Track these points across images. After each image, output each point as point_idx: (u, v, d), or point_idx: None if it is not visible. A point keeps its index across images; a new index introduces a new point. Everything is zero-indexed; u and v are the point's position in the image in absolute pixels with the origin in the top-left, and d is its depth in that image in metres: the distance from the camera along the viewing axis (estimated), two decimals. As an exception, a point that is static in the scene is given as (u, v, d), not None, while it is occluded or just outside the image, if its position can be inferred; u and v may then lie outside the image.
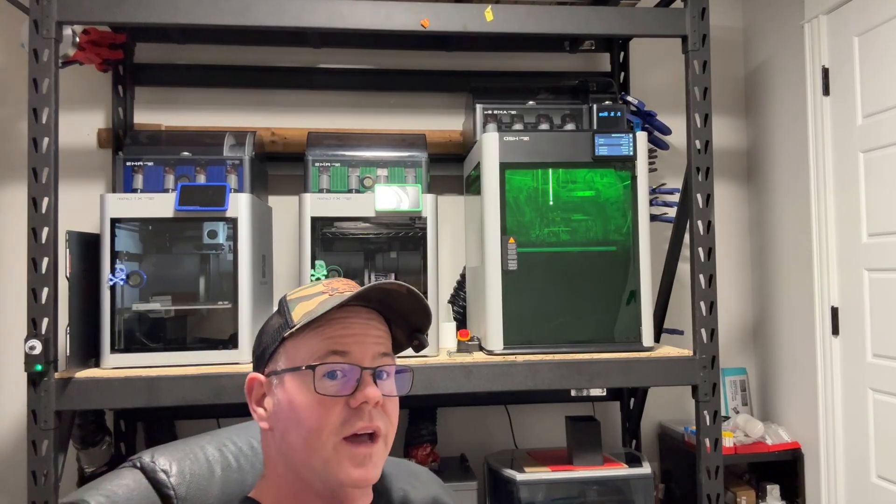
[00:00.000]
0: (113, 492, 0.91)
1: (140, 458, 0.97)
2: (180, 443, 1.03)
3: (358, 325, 0.86)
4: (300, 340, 0.85)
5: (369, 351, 0.86)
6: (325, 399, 0.82)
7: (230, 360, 1.99)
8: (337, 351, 0.84)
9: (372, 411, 0.83)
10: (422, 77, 2.73)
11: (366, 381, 0.83)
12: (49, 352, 1.77)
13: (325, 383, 0.82)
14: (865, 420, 2.27)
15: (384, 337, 0.89)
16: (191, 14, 1.92)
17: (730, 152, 2.93)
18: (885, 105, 2.18)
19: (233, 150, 2.24)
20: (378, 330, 0.89)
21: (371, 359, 0.86)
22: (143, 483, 0.94)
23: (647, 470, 2.27)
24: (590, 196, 2.13)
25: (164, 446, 1.01)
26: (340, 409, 0.82)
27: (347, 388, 0.83)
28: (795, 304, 2.60)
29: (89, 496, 0.89)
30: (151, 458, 0.97)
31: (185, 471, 0.97)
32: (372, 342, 0.86)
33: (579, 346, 2.07)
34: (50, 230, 1.80)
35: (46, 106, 1.82)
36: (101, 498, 0.89)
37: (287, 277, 2.60)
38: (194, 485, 0.96)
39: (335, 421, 0.82)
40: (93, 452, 2.26)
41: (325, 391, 0.82)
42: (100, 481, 0.94)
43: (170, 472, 0.96)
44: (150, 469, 0.95)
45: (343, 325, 0.85)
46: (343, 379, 0.83)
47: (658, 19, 2.09)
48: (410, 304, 0.89)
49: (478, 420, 2.71)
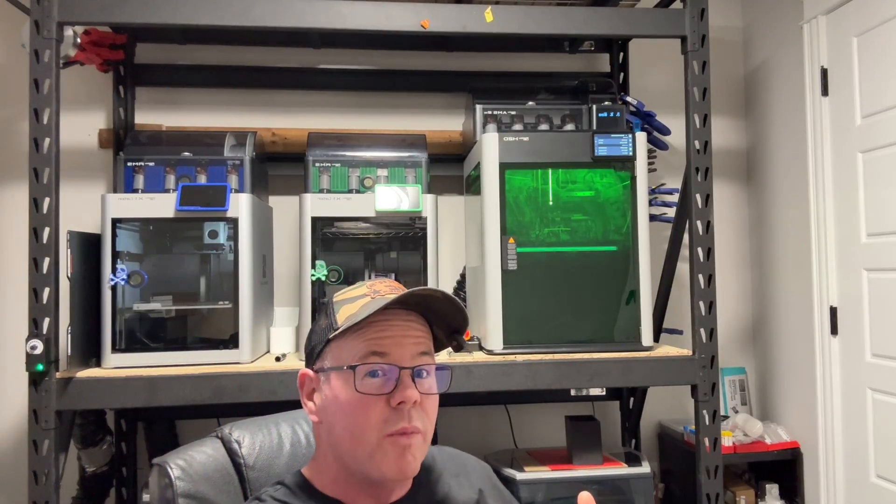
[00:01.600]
0: (192, 457, 1.04)
1: (221, 430, 1.10)
2: (260, 419, 1.16)
3: (397, 326, 0.91)
4: (344, 341, 0.91)
5: (408, 351, 0.90)
6: (366, 397, 0.87)
7: (230, 360, 2.00)
8: (377, 352, 0.89)
9: (411, 411, 0.88)
10: (422, 77, 2.73)
11: (405, 381, 0.88)
12: (50, 351, 1.78)
13: (367, 382, 0.88)
14: (864, 419, 2.27)
15: (424, 337, 0.94)
16: (191, 15, 1.92)
17: (729, 152, 2.94)
18: (883, 105, 2.19)
19: (233, 151, 2.24)
20: (417, 331, 0.93)
21: (410, 359, 0.90)
22: (221, 451, 1.07)
23: (646, 469, 2.28)
24: (589, 196, 2.14)
25: (244, 421, 1.13)
26: (382, 406, 0.87)
27: (387, 387, 0.88)
28: (794, 304, 2.61)
29: (171, 459, 1.02)
30: (230, 430, 1.10)
31: (257, 443, 1.09)
32: (411, 343, 0.91)
33: (579, 345, 2.07)
34: (51, 230, 1.80)
35: (47, 106, 1.82)
36: (181, 462, 1.02)
37: (287, 277, 2.61)
38: (263, 456, 1.08)
39: (377, 418, 0.87)
40: (93, 452, 2.26)
41: (366, 390, 0.87)
42: (184, 447, 1.06)
43: (242, 442, 1.08)
44: (227, 439, 1.08)
45: (382, 327, 0.90)
46: (384, 378, 0.88)
47: (657, 20, 2.10)
48: (447, 308, 0.94)
49: (478, 420, 2.71)
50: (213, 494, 1.02)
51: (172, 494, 0.99)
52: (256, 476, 1.07)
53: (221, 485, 1.04)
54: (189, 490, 1.00)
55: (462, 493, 1.02)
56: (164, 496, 1.00)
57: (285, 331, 2.21)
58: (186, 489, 1.00)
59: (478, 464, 1.12)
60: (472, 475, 1.08)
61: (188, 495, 1.00)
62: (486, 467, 1.12)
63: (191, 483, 1.01)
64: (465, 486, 1.03)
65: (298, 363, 2.03)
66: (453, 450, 1.12)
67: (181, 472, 1.01)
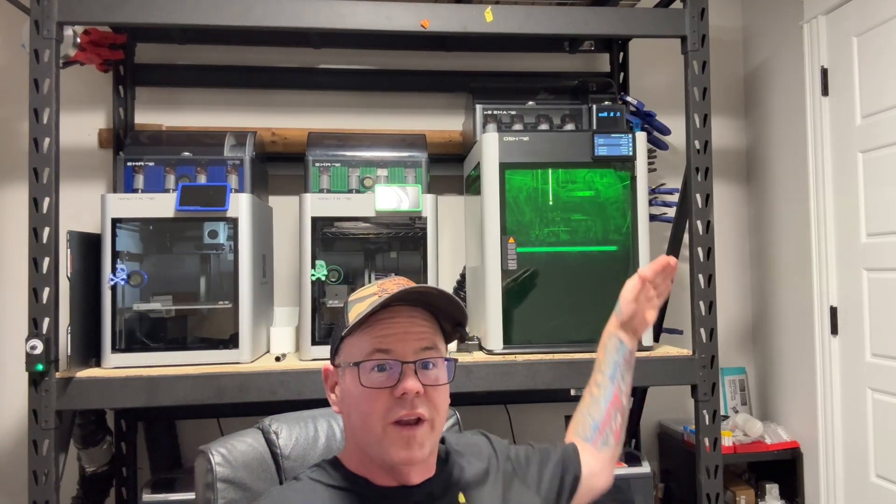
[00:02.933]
0: (234, 446, 1.13)
1: (262, 422, 1.19)
2: (299, 414, 1.25)
3: (400, 323, 0.97)
4: (354, 339, 0.98)
5: (411, 346, 0.96)
6: (371, 390, 0.95)
7: (230, 360, 2.00)
8: (380, 349, 0.96)
9: (414, 400, 0.94)
10: (422, 77, 2.73)
11: (406, 374, 0.95)
12: (50, 351, 1.78)
13: (373, 376, 0.95)
14: (864, 419, 2.27)
15: (428, 332, 1.00)
16: (191, 15, 1.92)
17: (729, 152, 2.94)
18: (883, 105, 2.19)
19: (233, 151, 2.24)
20: (421, 326, 0.99)
21: (413, 353, 0.96)
22: (261, 441, 1.17)
23: (646, 469, 2.28)
24: (589, 196, 2.13)
25: (284, 415, 1.22)
26: (386, 397, 0.94)
27: (391, 381, 0.95)
28: (794, 304, 2.61)
29: (214, 447, 1.11)
30: (270, 422, 1.19)
31: (293, 435, 1.19)
32: (413, 338, 0.97)
33: (579, 345, 2.07)
34: (51, 230, 1.81)
35: (47, 106, 1.82)
36: (222, 449, 1.11)
37: (287, 277, 2.61)
38: (299, 447, 1.18)
39: (382, 408, 0.94)
40: (93, 452, 2.26)
41: (371, 384, 0.95)
42: (228, 437, 1.16)
43: (280, 434, 1.18)
44: (267, 430, 1.18)
45: (387, 324, 0.97)
46: (389, 372, 0.95)
47: (657, 20, 2.10)
48: (444, 304, 1.00)
49: (478, 420, 2.70)
50: (251, 481, 1.11)
51: (212, 479, 1.08)
52: (291, 465, 1.15)
53: (259, 472, 1.13)
54: (228, 475, 1.09)
55: (472, 470, 1.09)
56: (205, 480, 1.09)
57: (285, 331, 2.21)
58: (225, 474, 1.09)
59: (481, 442, 1.18)
60: (481, 446, 1.16)
61: (227, 480, 1.09)
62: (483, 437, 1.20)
63: (230, 469, 1.10)
64: (475, 463, 1.10)
65: (298, 363, 2.04)
66: (469, 432, 1.23)
67: (222, 458, 1.10)
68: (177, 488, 2.16)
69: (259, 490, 1.10)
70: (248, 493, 1.10)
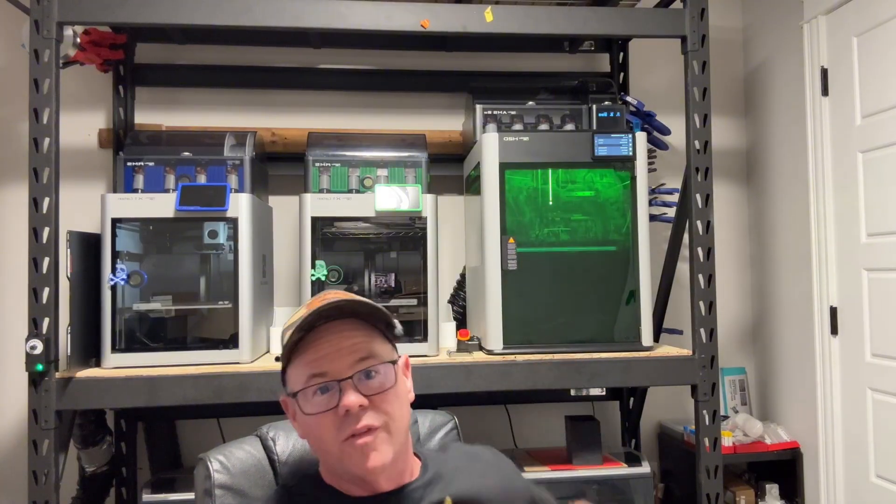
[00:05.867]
0: (232, 453, 1.15)
1: (260, 429, 1.22)
2: None
3: (329, 342, 0.97)
4: (292, 368, 1.00)
5: (345, 361, 0.96)
6: (318, 415, 0.95)
7: (230, 360, 2.00)
8: (315, 373, 0.96)
9: (359, 414, 0.94)
10: (422, 77, 2.73)
11: (345, 391, 0.95)
12: (50, 351, 1.78)
13: (316, 400, 0.96)
14: (864, 419, 2.27)
15: (362, 341, 0.99)
16: (191, 14, 1.92)
17: (729, 152, 2.94)
18: (883, 105, 2.19)
19: (233, 151, 2.24)
20: (352, 339, 0.98)
21: (349, 367, 0.96)
22: (259, 448, 1.19)
23: (646, 469, 2.28)
24: (589, 196, 2.13)
25: (282, 422, 1.22)
26: (332, 418, 0.95)
27: (333, 401, 0.95)
28: (794, 304, 2.61)
29: (213, 454, 1.13)
30: (268, 429, 1.22)
31: (290, 442, 1.20)
32: (346, 353, 0.97)
33: (579, 345, 2.07)
34: (51, 230, 1.80)
35: (47, 106, 1.82)
36: (220, 457, 1.13)
37: (287, 277, 2.61)
38: (295, 454, 1.19)
39: (332, 429, 0.95)
40: (93, 452, 2.26)
41: (314, 409, 0.96)
42: (227, 444, 1.18)
43: (277, 440, 1.19)
44: (264, 437, 1.20)
45: (317, 346, 0.97)
46: (329, 393, 0.95)
47: (657, 20, 2.10)
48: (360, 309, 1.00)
49: (478, 420, 2.71)
50: (248, 487, 1.13)
51: (210, 485, 1.10)
52: (288, 471, 1.17)
53: (257, 478, 1.15)
54: (226, 482, 1.11)
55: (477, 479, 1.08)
56: (203, 486, 1.11)
57: (285, 331, 2.21)
58: (223, 481, 1.11)
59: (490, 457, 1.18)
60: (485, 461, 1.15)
61: (225, 486, 1.11)
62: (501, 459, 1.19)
63: (228, 476, 1.12)
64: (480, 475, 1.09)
65: (298, 363, 2.03)
66: (467, 446, 1.22)
67: (220, 465, 1.12)
68: (177, 488, 2.16)
69: (256, 496, 1.12)
70: (245, 499, 1.12)
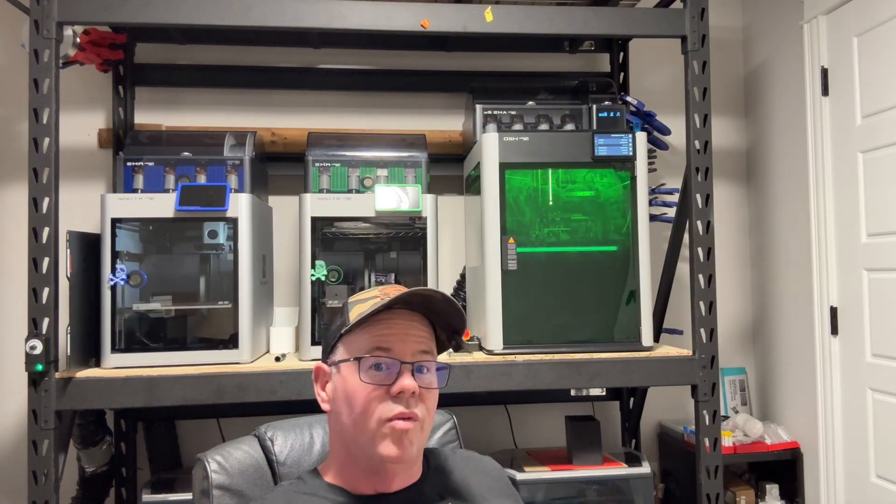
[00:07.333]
0: (230, 453, 1.15)
1: (259, 429, 1.22)
2: (293, 420, 1.27)
3: (400, 325, 1.00)
4: (353, 337, 1.00)
5: (409, 348, 0.99)
6: (369, 386, 0.96)
7: (230, 360, 2.00)
8: (380, 347, 0.98)
9: (409, 399, 0.97)
10: (422, 77, 2.73)
11: (404, 374, 0.97)
12: (50, 351, 1.77)
13: (371, 373, 0.97)
14: (864, 420, 2.27)
15: (426, 337, 1.02)
16: (191, 14, 1.92)
17: (729, 152, 2.94)
18: (884, 105, 2.19)
19: (233, 151, 2.24)
20: (419, 330, 1.02)
21: (412, 355, 0.99)
22: (257, 448, 1.19)
23: (646, 469, 2.28)
24: (589, 196, 2.13)
25: (280, 422, 1.24)
26: (383, 395, 0.96)
27: (389, 379, 0.97)
28: (794, 304, 2.61)
29: (210, 455, 1.13)
30: (266, 429, 1.22)
31: (288, 442, 1.21)
32: (412, 340, 1.00)
33: (579, 345, 2.07)
34: (51, 230, 1.80)
35: (47, 106, 1.82)
36: (218, 457, 1.13)
37: (287, 277, 2.61)
38: (294, 454, 1.20)
39: (379, 404, 0.96)
40: (93, 452, 2.26)
41: (370, 380, 0.97)
42: (224, 444, 1.17)
43: (275, 440, 1.20)
44: (262, 438, 1.20)
45: (388, 325, 1.00)
46: (386, 371, 0.97)
47: (657, 20, 2.10)
48: (447, 308, 1.03)
49: (478, 420, 2.71)
50: (247, 487, 1.13)
51: (208, 485, 1.10)
52: (286, 472, 1.17)
53: (255, 479, 1.15)
54: (223, 482, 1.11)
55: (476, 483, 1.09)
56: (201, 487, 1.12)
57: (285, 331, 2.21)
58: (221, 482, 1.11)
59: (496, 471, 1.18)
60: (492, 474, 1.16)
61: (222, 487, 1.11)
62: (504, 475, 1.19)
63: (226, 476, 1.12)
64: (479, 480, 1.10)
65: (298, 363, 2.03)
66: (470, 452, 1.22)
67: (218, 465, 1.12)
68: (176, 488, 2.16)
69: (254, 496, 1.12)
70: (243, 499, 1.12)
